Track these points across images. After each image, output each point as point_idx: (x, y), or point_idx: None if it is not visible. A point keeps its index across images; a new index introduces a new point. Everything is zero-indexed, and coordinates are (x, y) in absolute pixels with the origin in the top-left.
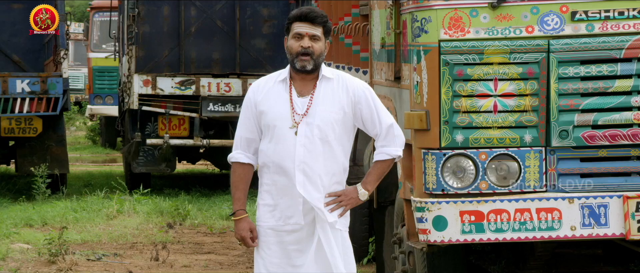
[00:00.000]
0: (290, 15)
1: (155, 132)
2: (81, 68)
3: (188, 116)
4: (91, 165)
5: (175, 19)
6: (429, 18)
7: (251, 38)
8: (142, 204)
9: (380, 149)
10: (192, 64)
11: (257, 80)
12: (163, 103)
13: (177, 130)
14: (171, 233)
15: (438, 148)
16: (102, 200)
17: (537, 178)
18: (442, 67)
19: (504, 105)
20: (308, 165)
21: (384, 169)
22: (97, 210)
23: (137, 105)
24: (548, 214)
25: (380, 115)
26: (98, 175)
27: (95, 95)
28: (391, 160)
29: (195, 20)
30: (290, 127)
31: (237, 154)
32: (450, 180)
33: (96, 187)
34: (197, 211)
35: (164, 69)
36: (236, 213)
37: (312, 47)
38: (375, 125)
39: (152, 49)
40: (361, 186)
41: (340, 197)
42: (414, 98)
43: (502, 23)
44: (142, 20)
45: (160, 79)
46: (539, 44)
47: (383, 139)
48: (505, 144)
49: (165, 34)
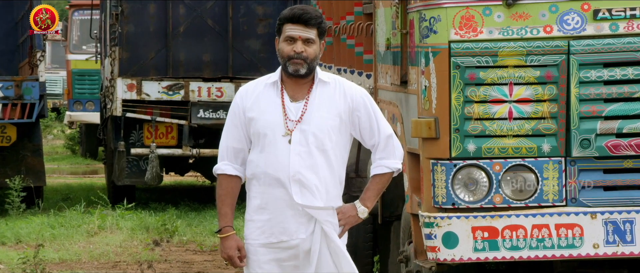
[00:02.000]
0: (282, 15)
1: (141, 141)
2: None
3: (176, 123)
4: (70, 177)
5: (162, 18)
6: (438, 17)
7: (245, 38)
8: (126, 219)
9: (378, 162)
10: (181, 66)
11: (245, 85)
12: (149, 109)
13: (165, 138)
14: (158, 251)
15: (448, 158)
16: (82, 215)
17: (556, 192)
18: (453, 71)
19: (519, 112)
20: (304, 175)
21: (383, 184)
22: (77, 226)
23: (121, 111)
24: (568, 230)
25: (380, 124)
26: (77, 188)
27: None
28: (390, 174)
29: (184, 19)
30: (283, 134)
31: (224, 165)
32: (462, 194)
33: (75, 201)
34: (186, 227)
35: (150, 72)
36: (222, 230)
37: (305, 51)
38: (373, 135)
39: (137, 51)
40: (360, 203)
41: (338, 216)
42: (422, 104)
43: (517, 22)
44: (126, 19)
45: (146, 83)
46: (558, 45)
47: (382, 151)
48: (522, 154)
49: (151, 34)
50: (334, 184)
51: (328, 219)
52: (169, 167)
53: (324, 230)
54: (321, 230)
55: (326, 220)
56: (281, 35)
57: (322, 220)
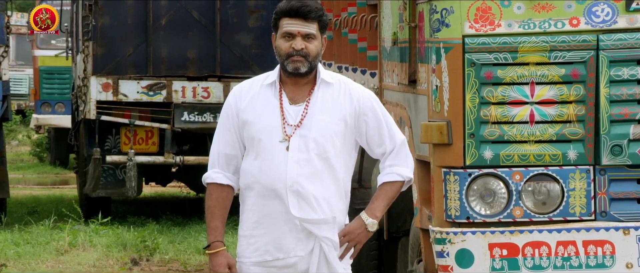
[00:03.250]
0: (278, 8)
1: (117, 148)
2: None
3: (157, 128)
4: (37, 188)
5: (141, 9)
6: (451, 9)
7: (235, 32)
8: (101, 236)
9: (389, 169)
10: (163, 64)
11: (239, 84)
12: (126, 112)
13: (144, 144)
14: (136, 270)
15: (462, 167)
16: (51, 231)
17: (583, 204)
18: (467, 68)
19: (542, 115)
20: (303, 186)
21: (394, 193)
22: (45, 244)
23: (95, 114)
24: (598, 248)
25: (392, 130)
26: (45, 200)
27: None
28: (401, 184)
29: (167, 10)
30: (281, 140)
31: (214, 174)
32: (477, 206)
33: (43, 215)
34: (168, 244)
35: (128, 70)
36: (211, 245)
37: (306, 48)
38: (383, 142)
39: (113, 46)
40: (367, 214)
41: (347, 237)
42: (433, 106)
43: (540, 14)
44: (100, 10)
45: (124, 82)
46: (585, 40)
47: (394, 158)
48: (545, 162)
49: (129, 28)
50: (337, 196)
51: (327, 236)
52: (149, 177)
53: (323, 250)
54: (320, 248)
55: (325, 236)
56: (278, 31)
57: (321, 236)
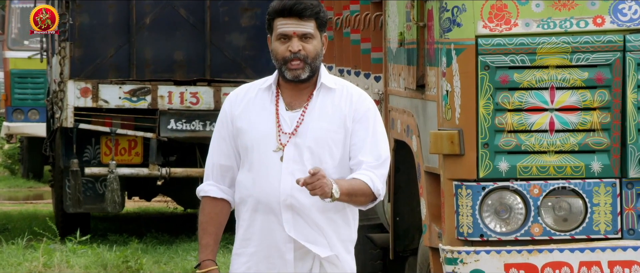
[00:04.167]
0: (270, 8)
1: (97, 159)
2: None
3: (141, 137)
4: (8, 204)
5: (124, 7)
6: (463, 6)
7: (226, 32)
8: (79, 255)
9: (365, 172)
10: (147, 67)
11: (235, 89)
12: (107, 119)
13: (127, 155)
14: None
15: (475, 180)
16: (24, 250)
17: (609, 221)
18: (481, 72)
19: (563, 123)
20: (297, 199)
21: (361, 191)
22: (16, 265)
23: (72, 122)
24: (625, 269)
25: (379, 144)
26: (18, 216)
27: (13, 109)
28: (370, 194)
29: (151, 8)
30: (274, 149)
31: (208, 186)
32: (492, 223)
33: (15, 233)
34: (153, 264)
35: (109, 73)
36: (202, 264)
37: (303, 49)
38: (362, 152)
39: (93, 47)
40: (335, 183)
41: (320, 174)
42: (443, 113)
43: (561, 12)
44: (78, 8)
45: (104, 87)
46: (611, 41)
47: (372, 168)
48: (566, 175)
49: (110, 27)
50: (337, 211)
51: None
52: (133, 191)
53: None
54: (320, 266)
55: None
56: (273, 33)
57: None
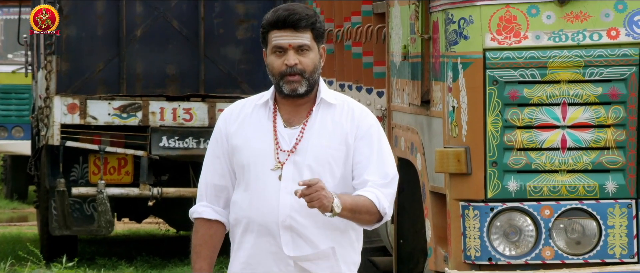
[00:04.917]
0: (264, 20)
1: (85, 178)
2: None
3: (132, 155)
4: None
5: (113, 18)
6: (471, 18)
7: (221, 45)
8: None
9: (371, 189)
10: (138, 81)
11: (230, 105)
12: (96, 137)
13: (117, 175)
14: None
15: (483, 200)
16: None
17: (624, 244)
18: (489, 87)
19: (576, 140)
20: (297, 220)
21: (366, 209)
22: None
23: (59, 139)
24: None
25: (385, 162)
26: (1, 239)
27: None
28: (376, 215)
29: (142, 20)
30: (272, 168)
31: (202, 208)
32: (501, 246)
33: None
34: None
35: (98, 88)
36: None
37: (300, 63)
38: (367, 171)
39: (81, 61)
40: (337, 197)
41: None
42: (449, 130)
43: (573, 24)
44: (66, 19)
45: (93, 102)
46: (626, 54)
47: (380, 187)
48: (579, 195)
49: (99, 39)
50: (338, 233)
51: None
52: (122, 212)
53: None
54: None
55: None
56: (268, 46)
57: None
